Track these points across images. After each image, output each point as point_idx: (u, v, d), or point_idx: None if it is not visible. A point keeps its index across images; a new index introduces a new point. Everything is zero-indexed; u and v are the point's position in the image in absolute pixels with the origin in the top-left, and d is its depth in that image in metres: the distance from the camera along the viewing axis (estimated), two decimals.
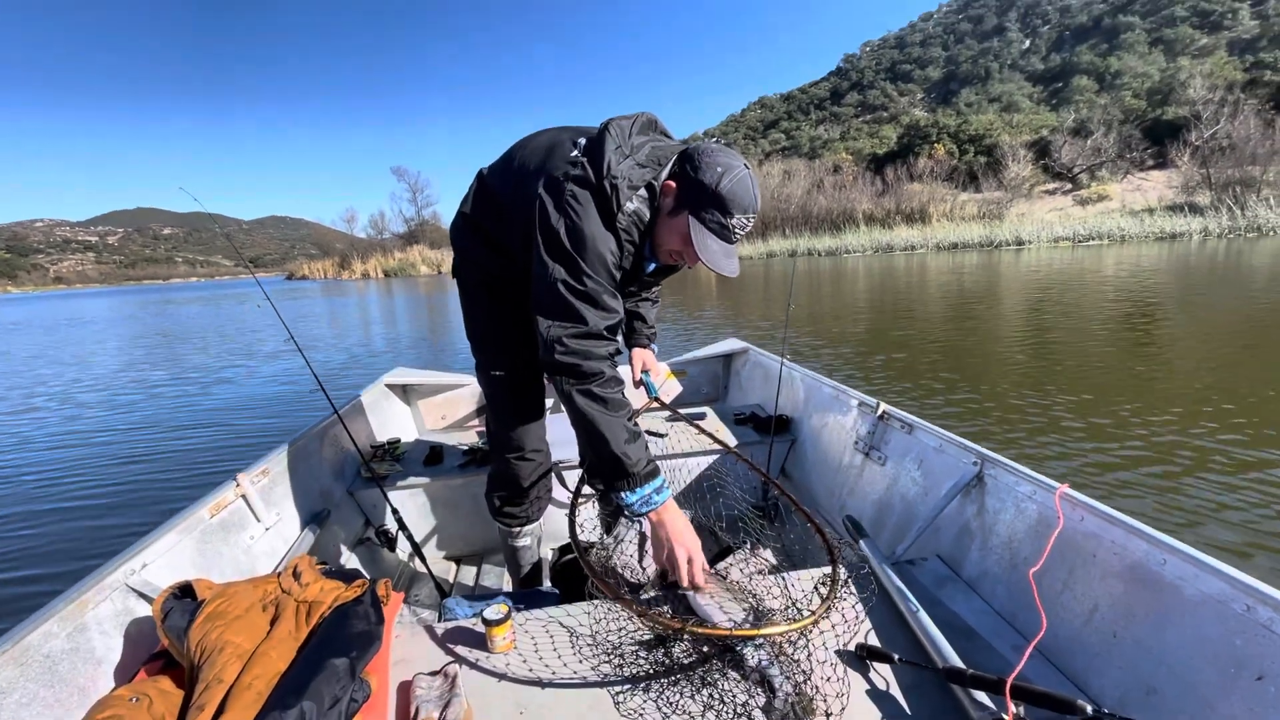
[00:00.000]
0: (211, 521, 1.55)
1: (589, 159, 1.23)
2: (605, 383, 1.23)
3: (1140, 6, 63.79)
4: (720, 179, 1.18)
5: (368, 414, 2.61)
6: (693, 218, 1.21)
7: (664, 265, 1.45)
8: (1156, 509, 2.92)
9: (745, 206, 1.20)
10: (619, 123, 1.28)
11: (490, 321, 1.62)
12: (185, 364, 9.83)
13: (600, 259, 1.21)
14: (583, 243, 1.20)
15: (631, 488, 1.21)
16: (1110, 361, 5.78)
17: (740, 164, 1.21)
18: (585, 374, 1.22)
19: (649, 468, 1.23)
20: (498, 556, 2.30)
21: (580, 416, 1.23)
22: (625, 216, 1.24)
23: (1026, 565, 1.23)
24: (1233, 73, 39.78)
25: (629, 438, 1.21)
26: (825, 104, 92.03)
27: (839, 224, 40.16)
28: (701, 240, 1.21)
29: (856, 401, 2.10)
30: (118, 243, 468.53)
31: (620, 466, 1.20)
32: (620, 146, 1.24)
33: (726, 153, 1.22)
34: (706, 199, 1.19)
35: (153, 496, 4.08)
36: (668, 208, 1.26)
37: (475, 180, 1.55)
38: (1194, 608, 0.98)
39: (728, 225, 1.21)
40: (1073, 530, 1.21)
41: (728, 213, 1.19)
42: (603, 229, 1.21)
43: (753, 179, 1.22)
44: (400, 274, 50.66)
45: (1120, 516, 1.14)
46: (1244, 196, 26.27)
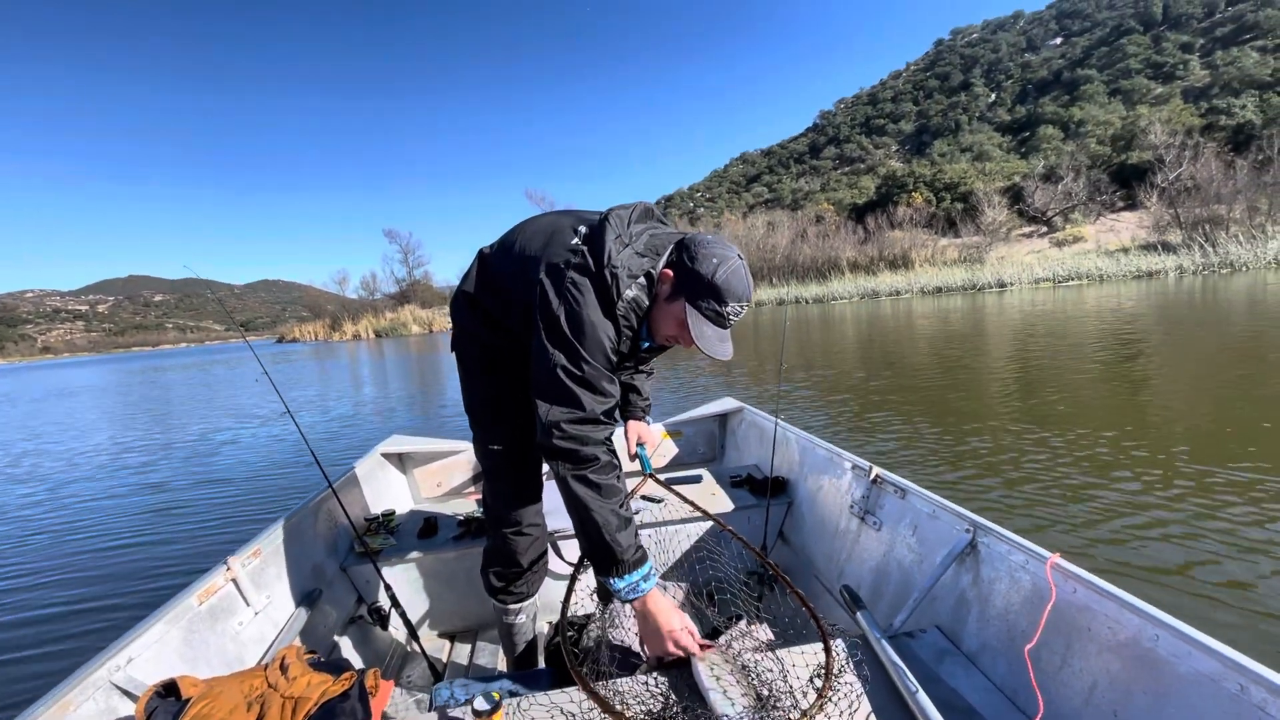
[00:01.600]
0: (200, 609, 1.51)
1: (589, 247, 1.29)
2: (600, 469, 1.26)
3: (1097, 60, 67.43)
4: (716, 270, 1.24)
5: (363, 485, 2.59)
6: (690, 306, 1.27)
7: (659, 345, 1.49)
8: (1157, 560, 2.90)
9: (740, 295, 1.26)
10: (618, 212, 1.35)
11: (488, 396, 1.64)
12: (176, 438, 9.67)
13: (598, 345, 1.25)
14: (582, 329, 1.24)
15: (620, 574, 1.24)
16: (1104, 400, 5.83)
17: (734, 255, 1.28)
18: (581, 459, 1.25)
19: (637, 555, 1.25)
20: (493, 632, 2.24)
21: (575, 502, 1.26)
22: (624, 304, 1.28)
23: (1024, 639, 1.21)
24: (1190, 118, 41.77)
25: (620, 525, 1.24)
26: (805, 158, 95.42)
27: (824, 272, 40.99)
28: (699, 328, 1.26)
29: (850, 464, 2.09)
30: (108, 311, 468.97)
31: (610, 554, 1.23)
32: (620, 235, 1.30)
33: (721, 244, 1.29)
34: (703, 289, 1.25)
35: (144, 579, 3.94)
36: (665, 294, 1.31)
37: (476, 259, 1.60)
38: (1189, 687, 0.96)
39: (723, 313, 1.26)
40: (1066, 603, 1.20)
41: (723, 301, 1.25)
42: (602, 316, 1.26)
43: (746, 269, 1.28)
44: (391, 334, 50.81)
45: (1111, 589, 1.12)
46: (1214, 234, 27.15)
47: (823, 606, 2.03)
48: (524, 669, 1.88)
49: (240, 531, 4.59)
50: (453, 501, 2.84)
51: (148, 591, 3.73)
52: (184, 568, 4.05)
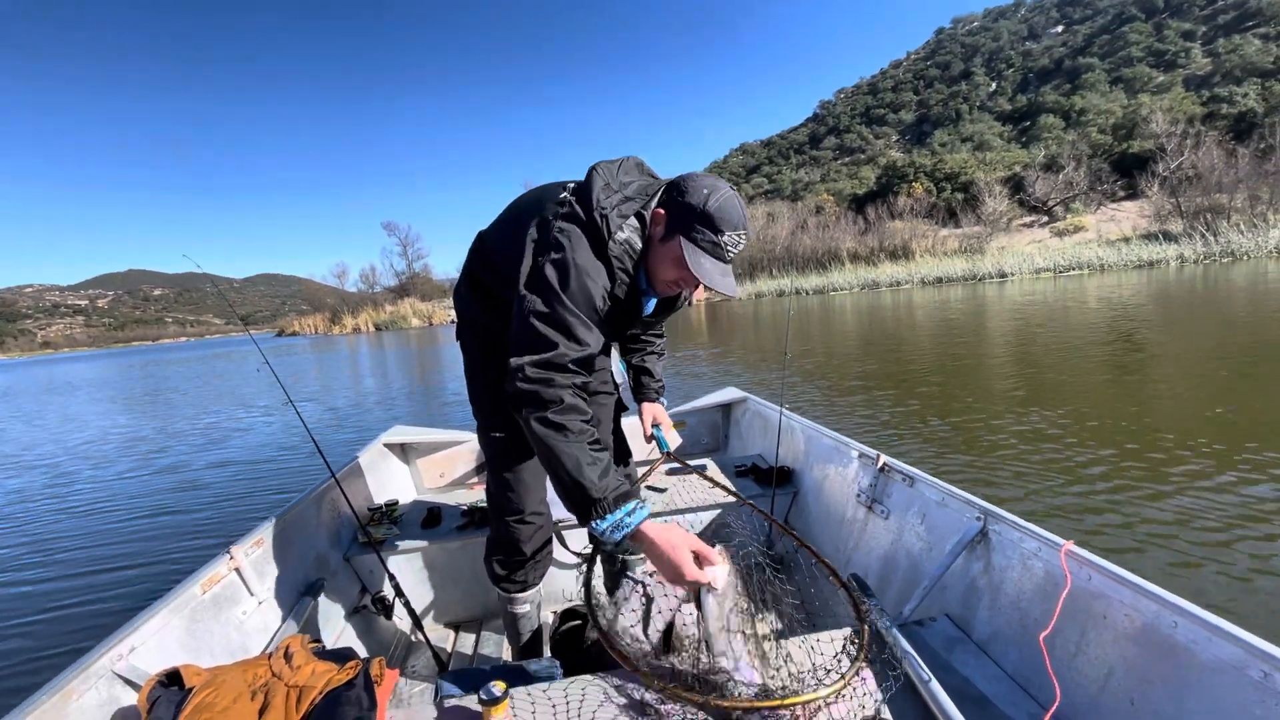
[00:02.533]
0: (203, 598, 1.50)
1: (577, 198, 1.27)
2: (563, 410, 1.16)
3: (1098, 48, 66.95)
4: (707, 199, 1.21)
5: (365, 475, 2.58)
6: (684, 239, 1.23)
7: (663, 302, 1.46)
8: (1167, 545, 2.89)
9: (735, 223, 1.22)
10: (606, 165, 1.33)
11: (489, 382, 1.60)
12: (178, 430, 9.67)
13: (583, 290, 1.20)
14: (566, 274, 1.19)
15: (600, 515, 1.13)
16: (1109, 389, 5.82)
17: (725, 185, 1.25)
18: (542, 401, 1.16)
19: (618, 492, 1.14)
20: (497, 622, 2.24)
21: (540, 446, 1.17)
22: (617, 245, 1.25)
23: (1037, 626, 1.20)
24: (1191, 107, 41.53)
25: (590, 461, 1.14)
26: (804, 148, 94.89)
27: (824, 263, 40.88)
28: (696, 261, 1.22)
29: (857, 453, 2.08)
30: (107, 305, 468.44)
31: (584, 493, 1.13)
32: (608, 184, 1.28)
33: (710, 176, 1.26)
34: (696, 219, 1.22)
35: (147, 568, 3.95)
36: (659, 235, 1.28)
37: (475, 242, 1.59)
38: (1210, 674, 0.94)
39: (720, 243, 1.22)
40: (1081, 590, 1.18)
41: (718, 230, 1.21)
42: (593, 259, 1.22)
43: (739, 199, 1.25)
44: (391, 327, 50.78)
45: (1128, 576, 1.11)
46: (1215, 223, 27.07)
47: (828, 595, 2.01)
48: (529, 659, 1.88)
49: (243, 521, 4.59)
50: (456, 492, 2.83)
51: (151, 581, 3.74)
52: (187, 557, 4.06)
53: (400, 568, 2.18)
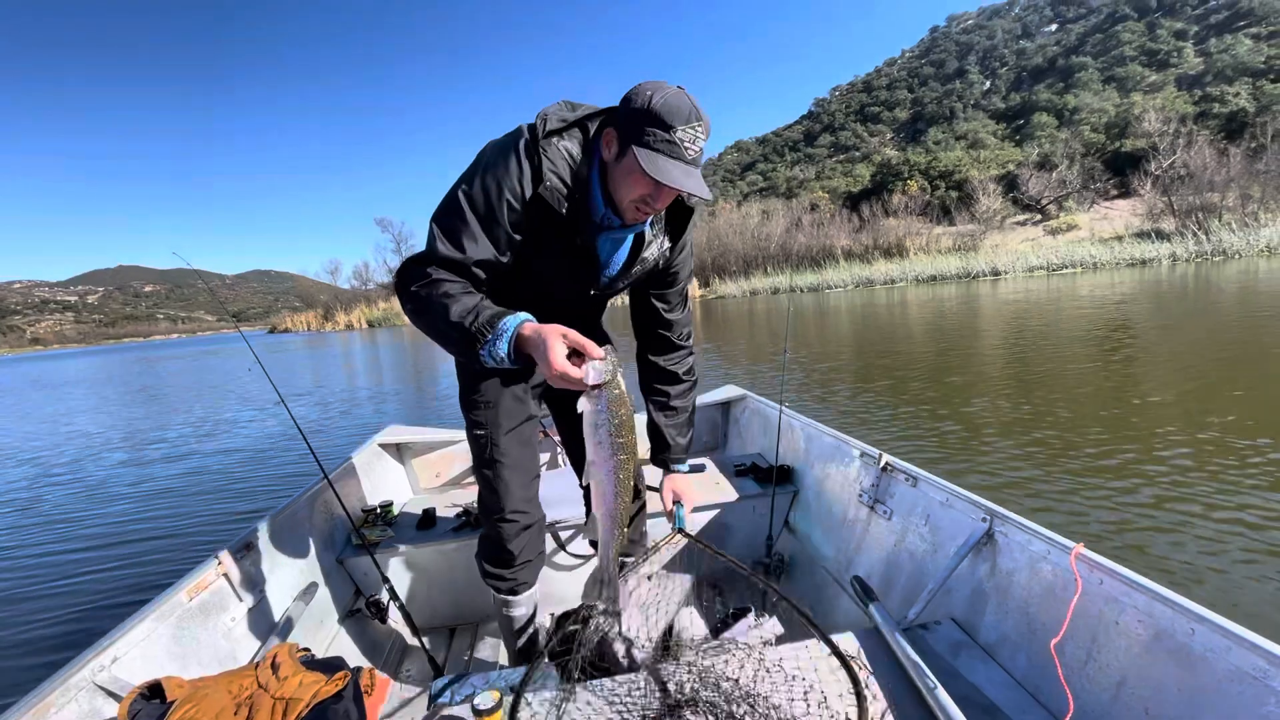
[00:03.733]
0: (190, 605, 1.46)
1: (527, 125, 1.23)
2: (425, 283, 1.17)
3: (1091, 47, 67.23)
4: (651, 99, 1.12)
5: (360, 476, 2.54)
6: (636, 147, 1.13)
7: (632, 272, 1.41)
8: (1175, 539, 2.88)
9: (686, 115, 1.12)
10: (568, 100, 1.30)
11: (474, 379, 1.58)
12: (167, 430, 9.55)
13: (489, 191, 1.18)
14: (480, 170, 1.19)
15: (483, 341, 1.09)
16: (1106, 387, 5.82)
17: (669, 85, 1.16)
18: (408, 280, 1.19)
19: (490, 315, 1.11)
20: (494, 625, 2.20)
21: (415, 321, 1.21)
22: (553, 148, 1.20)
23: (1046, 632, 1.17)
24: (1184, 106, 41.77)
25: (451, 303, 1.14)
26: (799, 145, 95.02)
27: (819, 260, 40.90)
28: (652, 163, 1.11)
29: (859, 452, 2.04)
30: (97, 301, 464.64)
31: (461, 331, 1.11)
32: (565, 106, 1.25)
33: (653, 81, 1.18)
34: (644, 121, 1.13)
35: (133, 574, 3.85)
36: (614, 155, 1.20)
37: None
38: (1229, 684, 0.91)
39: (674, 140, 1.12)
40: (1092, 594, 1.15)
41: (669, 127, 1.11)
42: (519, 157, 1.18)
43: (690, 96, 1.15)
44: (385, 324, 50.59)
45: (1141, 581, 1.07)
46: (1207, 222, 27.24)
47: (831, 597, 1.98)
48: (525, 662, 1.84)
49: (233, 524, 4.53)
50: (452, 492, 2.79)
51: (137, 587, 3.65)
52: (175, 562, 3.97)
53: (395, 570, 2.14)
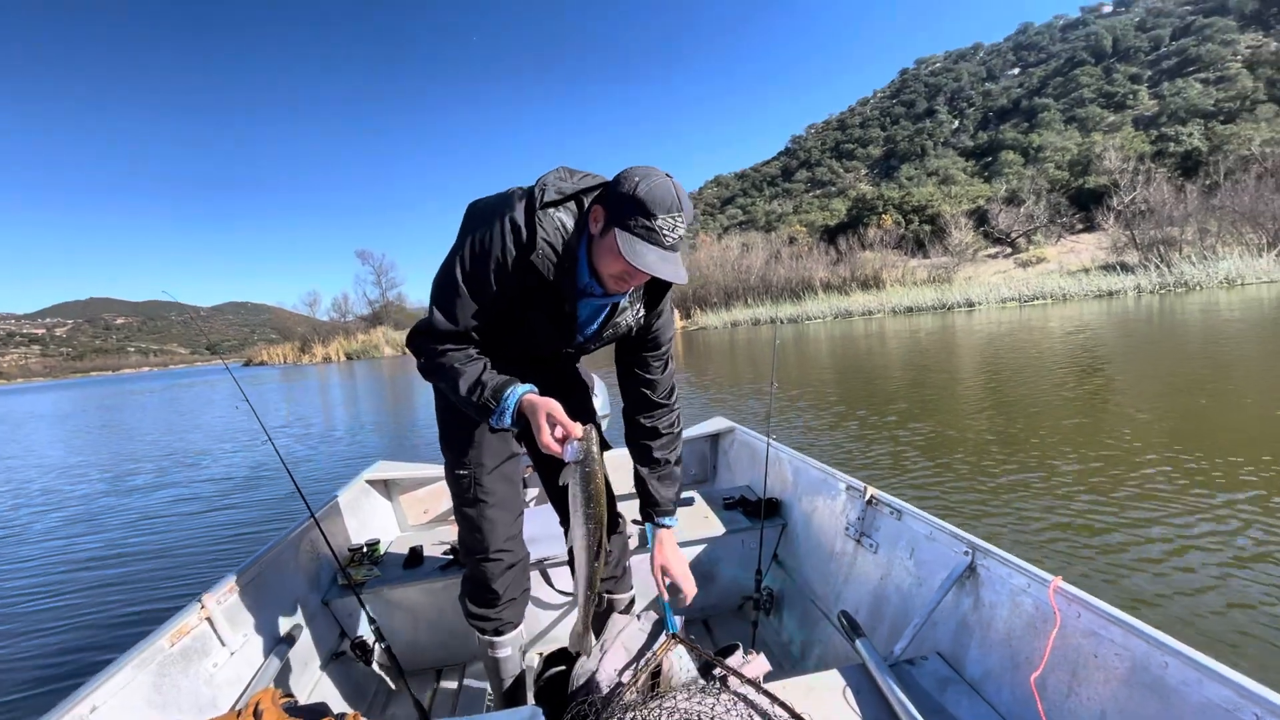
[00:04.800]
0: (172, 651, 1.42)
1: (524, 188, 1.32)
2: (434, 355, 1.34)
3: (1052, 90, 70.26)
4: (637, 185, 1.19)
5: (347, 514, 2.50)
6: (618, 230, 1.20)
7: (604, 334, 1.48)
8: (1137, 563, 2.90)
9: (668, 206, 1.19)
10: (567, 167, 1.36)
11: (453, 420, 1.60)
12: (147, 469, 9.22)
13: (487, 256, 1.26)
14: (479, 234, 1.27)
15: (491, 414, 1.28)
16: (1080, 415, 5.93)
17: (659, 172, 1.22)
18: (418, 353, 1.37)
19: (495, 388, 1.28)
20: (481, 666, 2.15)
21: (436, 389, 1.48)
22: (548, 218, 1.26)
23: (1029, 666, 1.18)
24: (1141, 145, 43.66)
25: (463, 375, 1.30)
26: (777, 180, 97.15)
27: (798, 292, 41.52)
28: (631, 248, 1.18)
29: (844, 485, 2.06)
30: (66, 334, 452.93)
31: (471, 404, 1.30)
32: (563, 175, 1.33)
33: (645, 167, 1.24)
34: (627, 207, 1.19)
35: (115, 619, 3.69)
36: (599, 231, 1.26)
37: None
38: (1201, 716, 0.92)
39: (653, 228, 1.19)
40: (1071, 628, 1.17)
41: (650, 215, 1.18)
42: (516, 223, 1.25)
43: (675, 185, 1.22)
44: (363, 356, 49.99)
45: (1117, 614, 1.10)
46: (1168, 255, 28.25)
47: (821, 632, 1.97)
48: (513, 704, 1.79)
49: (218, 566, 4.41)
50: (440, 529, 2.76)
51: (118, 634, 3.50)
52: (158, 606, 3.82)
53: (381, 611, 2.09)
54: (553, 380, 1.72)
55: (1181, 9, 71.54)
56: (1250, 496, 3.57)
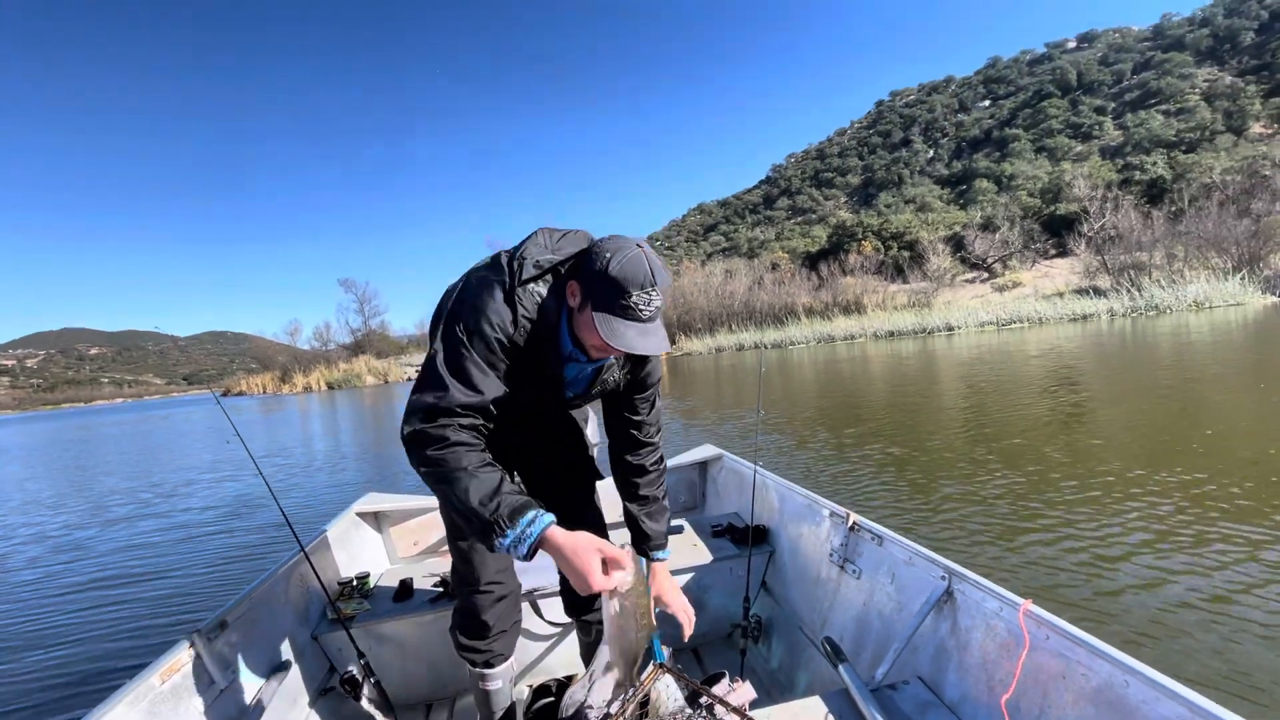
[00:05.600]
0: (162, 688, 1.42)
1: (508, 253, 1.31)
2: (445, 445, 1.18)
3: (1022, 121, 72.83)
4: (609, 263, 1.18)
5: (337, 547, 2.49)
6: (594, 312, 1.20)
7: (593, 392, 1.48)
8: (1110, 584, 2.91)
9: (641, 282, 1.18)
10: (549, 229, 1.35)
11: None
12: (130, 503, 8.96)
13: (482, 334, 1.23)
14: (469, 315, 1.24)
15: (500, 534, 1.12)
16: (1056, 436, 6.01)
17: (631, 245, 1.22)
18: (426, 439, 1.18)
19: (512, 507, 1.14)
20: (471, 698, 2.12)
21: (430, 485, 1.20)
22: (527, 294, 1.26)
23: (1003, 688, 1.21)
24: (1108, 173, 45.23)
25: (474, 486, 1.15)
26: (759, 208, 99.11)
27: (781, 317, 41.96)
28: (608, 329, 1.18)
29: (828, 512, 2.09)
30: (37, 365, 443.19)
31: (478, 519, 1.14)
32: (543, 244, 1.31)
33: (617, 239, 1.24)
34: (600, 286, 1.19)
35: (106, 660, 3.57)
36: (576, 305, 1.27)
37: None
38: None
39: (629, 305, 1.18)
40: (1040, 650, 1.20)
41: (625, 293, 1.18)
42: (498, 302, 1.24)
43: (648, 256, 1.21)
44: (344, 385, 49.41)
45: (1081, 635, 1.13)
46: (1138, 279, 29.06)
47: (807, 659, 1.98)
48: None
49: (208, 596, 4.38)
50: (430, 561, 2.75)
51: (109, 672, 3.43)
52: (149, 641, 3.76)
53: (370, 644, 2.08)
54: (547, 424, 1.75)
55: (1141, 44, 74.98)
56: (1218, 508, 3.62)
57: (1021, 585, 3.10)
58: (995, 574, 3.25)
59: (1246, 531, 3.39)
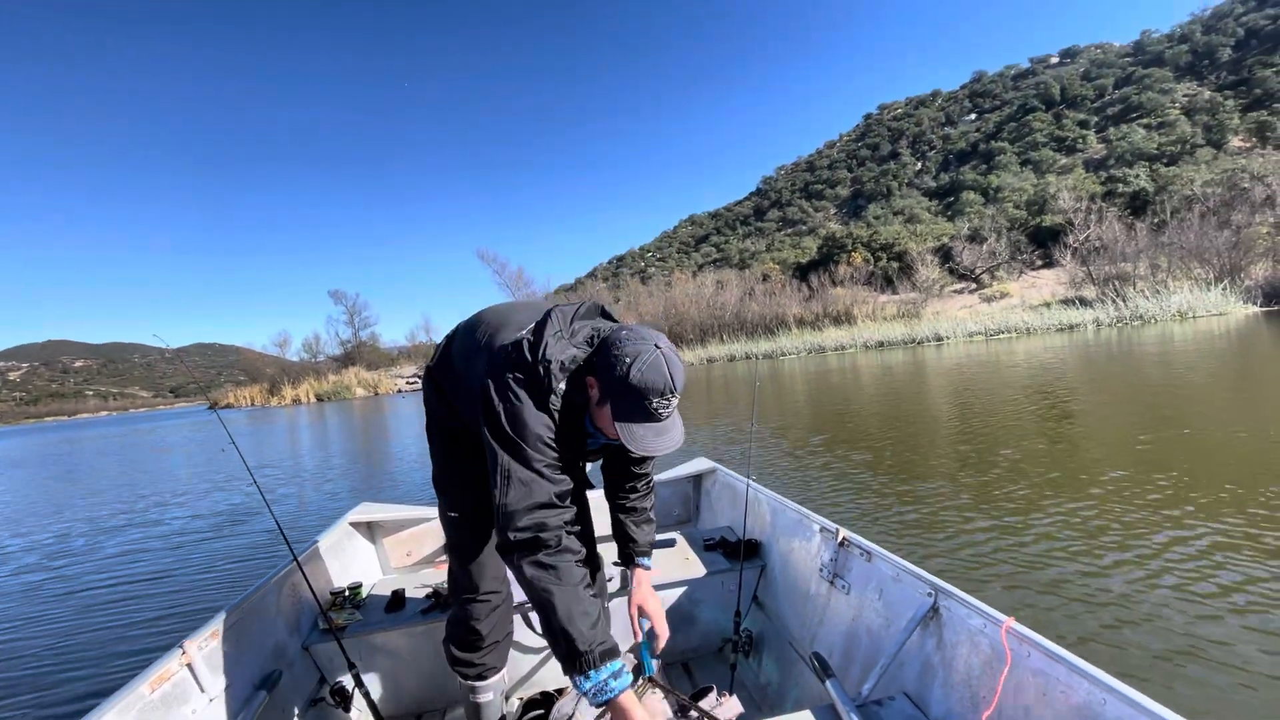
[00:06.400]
0: (152, 697, 1.42)
1: (530, 341, 1.33)
2: (557, 552, 1.24)
3: (1007, 134, 73.99)
4: (630, 369, 1.21)
5: (329, 557, 2.49)
6: (615, 420, 1.24)
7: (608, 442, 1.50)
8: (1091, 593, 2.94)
9: (660, 389, 1.22)
10: (562, 309, 1.39)
11: (447, 466, 1.70)
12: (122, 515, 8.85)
13: (538, 438, 1.27)
14: (521, 426, 1.27)
15: (584, 670, 1.15)
16: (1048, 446, 6.06)
17: (649, 346, 1.24)
18: (538, 543, 1.24)
19: (604, 649, 1.17)
20: (461, 711, 2.12)
21: (532, 590, 1.22)
22: (557, 398, 1.30)
23: (986, 705, 1.22)
24: (1092, 186, 45.96)
25: (582, 612, 1.18)
26: (750, 219, 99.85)
27: (772, 328, 42.17)
28: (629, 435, 1.23)
29: (819, 527, 2.10)
30: (20, 378, 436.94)
31: (571, 644, 1.16)
32: (559, 331, 1.33)
33: (635, 338, 1.26)
34: (620, 392, 1.23)
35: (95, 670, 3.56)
36: (595, 399, 1.31)
37: (444, 341, 1.70)
38: None
39: (649, 410, 1.23)
40: (1021, 667, 1.21)
41: (645, 400, 1.22)
42: (535, 410, 1.28)
43: (667, 360, 1.23)
44: (334, 397, 49.05)
45: (1061, 653, 1.14)
46: (1123, 290, 29.46)
47: (796, 674, 1.99)
48: None
49: (200, 607, 4.35)
50: (423, 571, 2.74)
51: (94, 669, 3.47)
52: (142, 640, 3.81)
53: (361, 655, 2.07)
54: None
55: (1122, 59, 76.51)
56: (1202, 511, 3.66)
57: (1001, 583, 3.12)
58: (981, 577, 3.28)
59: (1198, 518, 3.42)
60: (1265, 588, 2.90)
